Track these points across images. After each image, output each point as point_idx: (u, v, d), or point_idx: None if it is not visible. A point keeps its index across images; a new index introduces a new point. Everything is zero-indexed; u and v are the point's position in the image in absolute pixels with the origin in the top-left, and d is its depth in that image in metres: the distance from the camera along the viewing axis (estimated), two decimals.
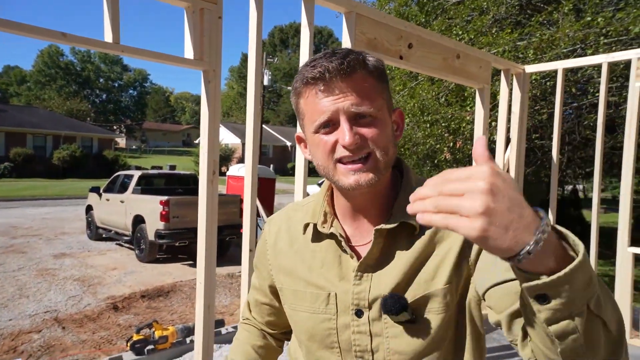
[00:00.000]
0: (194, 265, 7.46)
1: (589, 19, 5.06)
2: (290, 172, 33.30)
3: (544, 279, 0.44)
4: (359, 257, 0.74)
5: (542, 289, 0.45)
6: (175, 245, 7.43)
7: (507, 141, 4.05)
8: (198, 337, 2.25)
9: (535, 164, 6.83)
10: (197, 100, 75.60)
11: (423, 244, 0.72)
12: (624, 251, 3.58)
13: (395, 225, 0.71)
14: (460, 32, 6.04)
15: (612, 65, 4.29)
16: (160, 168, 11.27)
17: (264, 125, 26.74)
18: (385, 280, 0.72)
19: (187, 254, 7.98)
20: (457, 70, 3.39)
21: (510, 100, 4.00)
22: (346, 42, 2.65)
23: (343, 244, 0.74)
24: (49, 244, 8.65)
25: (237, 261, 7.64)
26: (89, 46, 1.70)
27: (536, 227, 0.42)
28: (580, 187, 13.76)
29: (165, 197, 7.15)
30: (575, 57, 5.19)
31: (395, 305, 0.68)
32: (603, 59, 3.59)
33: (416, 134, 6.72)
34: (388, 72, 7.54)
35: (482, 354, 0.73)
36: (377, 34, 2.80)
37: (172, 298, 5.82)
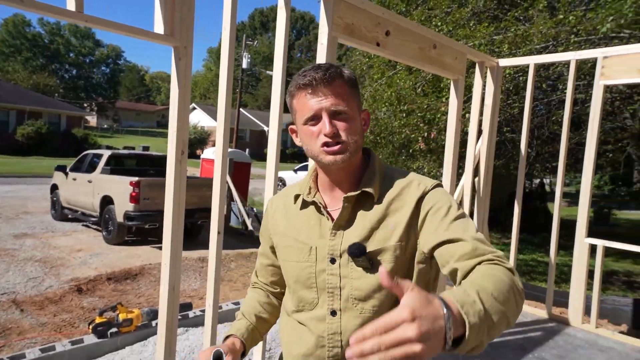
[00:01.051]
0: None
1: (561, 16, 5.17)
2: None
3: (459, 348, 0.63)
4: (333, 219, 0.99)
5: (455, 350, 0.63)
6: (145, 228, 7.29)
7: (479, 133, 4.12)
8: (162, 320, 2.22)
9: (506, 156, 7.00)
10: None
11: (381, 210, 0.96)
12: (581, 242, 3.74)
13: (358, 192, 0.96)
14: (439, 24, 6.07)
15: (581, 63, 4.41)
16: (133, 149, 10.98)
17: (241, 110, 26.24)
18: (352, 235, 0.96)
19: (157, 237, 7.85)
20: (433, 60, 3.40)
21: (483, 93, 4.06)
22: (324, 27, 2.62)
23: (322, 209, 1.00)
24: (9, 224, 8.30)
25: (209, 244, 7.59)
26: (49, 13, 1.61)
27: (445, 332, 0.58)
28: (547, 180, 14.23)
29: (135, 178, 6.97)
30: (547, 53, 5.31)
31: (358, 249, 0.93)
32: (572, 56, 3.68)
33: (392, 123, 6.76)
34: (367, 60, 7.54)
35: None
36: (354, 19, 2.77)
37: (139, 281, 5.72)
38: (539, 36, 5.03)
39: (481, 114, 4.09)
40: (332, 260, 0.97)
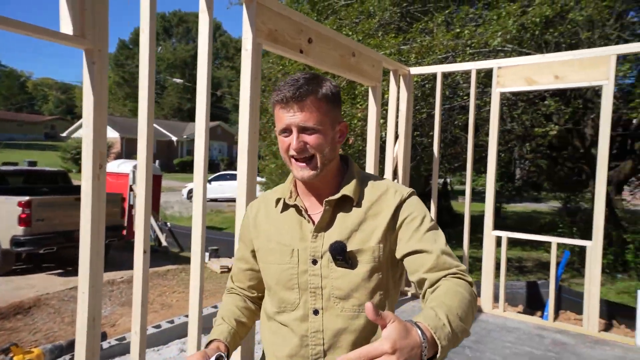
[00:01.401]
0: (64, 274, 6.58)
1: (457, 30, 5.69)
2: (177, 169, 31.43)
3: None
4: (314, 222, 1.03)
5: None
6: (40, 253, 6.46)
7: (396, 137, 4.35)
8: (79, 357, 1.96)
9: (415, 159, 7.47)
10: (62, 89, 66.52)
11: (361, 213, 1.01)
12: (489, 235, 4.12)
13: (338, 196, 1.01)
14: (350, 33, 6.30)
15: (478, 72, 4.88)
16: (16, 164, 9.66)
17: None
18: (332, 237, 1.00)
19: (55, 262, 7.01)
20: (352, 68, 3.52)
21: (398, 99, 4.30)
22: (247, 32, 2.56)
23: (303, 212, 1.04)
24: None
25: (118, 266, 6.93)
26: None
27: (420, 358, 0.70)
28: (448, 180, 15.52)
29: (25, 198, 6.15)
30: (447, 63, 5.80)
31: (339, 247, 0.97)
32: (472, 66, 4.06)
33: None
34: (282, 67, 7.55)
35: (397, 293, 1.07)
36: (278, 25, 2.76)
37: (34, 315, 5.03)
38: (440, 47, 5.48)
39: (396, 119, 4.31)
40: (314, 262, 1.01)
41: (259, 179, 15.61)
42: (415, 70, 4.38)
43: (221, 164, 31.42)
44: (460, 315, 0.81)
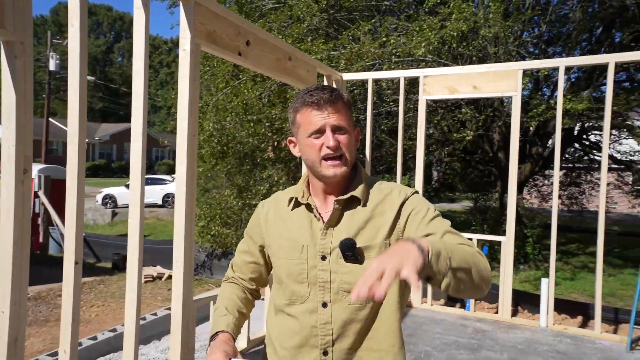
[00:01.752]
0: None
1: (384, 39, 5.98)
2: (88, 173, 28.93)
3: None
4: (323, 221, 1.11)
5: (427, 274, 0.83)
6: None
7: None
8: None
9: None
10: None
11: (367, 212, 1.09)
12: None
13: (348, 196, 1.09)
14: (280, 37, 6.32)
15: (405, 80, 5.16)
16: None
17: (50, 119, 22.21)
18: (341, 234, 1.08)
19: None
20: (289, 72, 3.54)
21: None
22: (185, 32, 2.48)
23: (314, 211, 1.11)
24: None
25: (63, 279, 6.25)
26: None
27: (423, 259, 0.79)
28: None
29: None
30: (375, 70, 6.07)
31: (349, 243, 1.04)
32: (400, 74, 4.31)
33: (239, 132, 6.73)
34: (208, 69, 7.35)
35: (407, 287, 1.12)
36: (216, 26, 2.70)
37: None
38: (369, 55, 5.72)
39: None
40: (323, 258, 1.08)
41: None
42: (347, 76, 4.53)
43: None
44: (456, 248, 0.90)
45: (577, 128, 8.89)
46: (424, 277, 0.82)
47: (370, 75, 4.41)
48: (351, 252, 1.03)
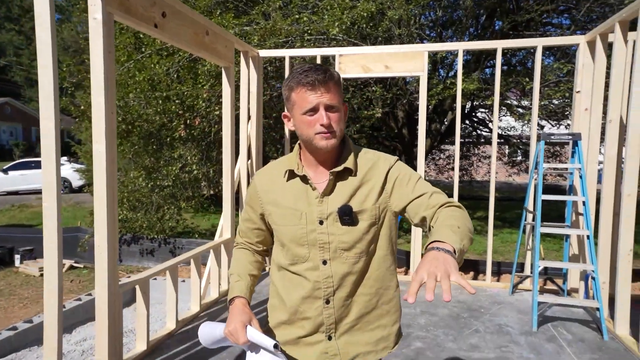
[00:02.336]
0: None
1: (297, 16, 6.01)
2: None
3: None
4: (318, 190, 1.22)
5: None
6: None
7: (249, 118, 4.43)
8: None
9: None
10: None
11: (357, 180, 1.22)
12: None
13: (342, 168, 1.21)
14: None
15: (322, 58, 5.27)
16: None
17: None
18: (335, 201, 1.21)
19: None
20: (207, 47, 3.44)
21: (248, 81, 4.37)
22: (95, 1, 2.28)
23: (310, 181, 1.22)
24: None
25: None
26: None
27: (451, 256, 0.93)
28: None
29: None
30: (287, 47, 6.09)
31: (347, 209, 1.19)
32: (317, 52, 4.41)
33: (146, 110, 6.32)
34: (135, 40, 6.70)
35: (391, 238, 1.29)
36: None
37: None
38: (282, 32, 5.71)
39: (248, 100, 4.39)
40: (321, 222, 1.20)
41: (76, 165, 13.56)
42: (264, 52, 4.51)
43: (16, 149, 25.43)
44: (460, 226, 1.06)
45: (467, 106, 9.88)
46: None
47: (287, 53, 4.44)
48: (348, 216, 1.18)
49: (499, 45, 4.03)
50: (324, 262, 1.22)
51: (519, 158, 13.42)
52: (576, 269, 3.77)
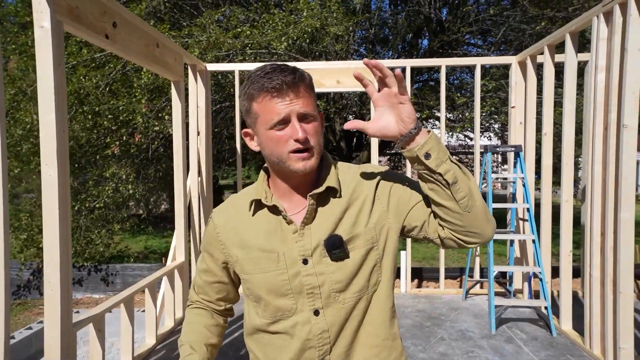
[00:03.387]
0: None
1: (239, 30, 5.90)
2: None
3: (424, 142, 0.87)
4: (295, 222, 0.97)
5: (425, 148, 0.86)
6: None
7: (198, 133, 4.23)
8: None
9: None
10: None
11: (344, 201, 0.97)
12: None
13: (324, 188, 0.96)
14: None
15: None
16: None
17: None
18: (319, 231, 0.95)
19: None
20: (157, 60, 3.24)
21: (197, 95, 4.18)
22: (41, 4, 2.04)
23: (284, 212, 0.96)
24: None
25: None
26: None
27: (415, 123, 0.86)
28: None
29: None
30: (228, 61, 5.94)
31: (336, 240, 0.93)
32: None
33: (72, 126, 5.78)
34: (14, 46, 6.05)
35: (394, 271, 1.03)
36: (79, 2, 2.30)
37: None
38: (225, 45, 5.56)
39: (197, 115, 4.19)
40: (305, 261, 0.95)
41: None
42: (212, 66, 4.35)
43: None
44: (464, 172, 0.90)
45: None
46: (423, 153, 0.86)
47: (236, 67, 4.33)
48: (339, 248, 0.93)
49: (443, 62, 4.28)
50: (316, 313, 0.95)
51: None
52: (526, 271, 4.05)
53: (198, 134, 4.24)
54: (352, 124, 0.92)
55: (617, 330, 2.64)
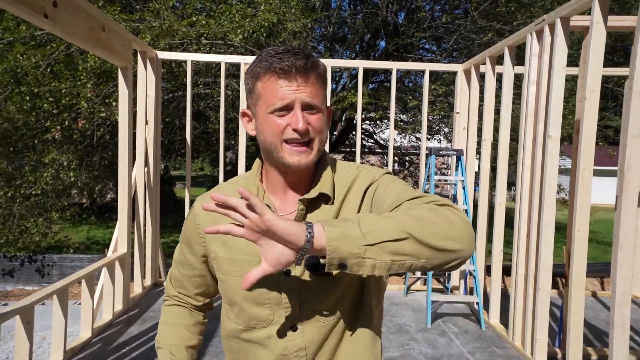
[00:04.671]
0: None
1: (194, 19, 5.77)
2: None
3: (324, 246, 0.67)
4: None
5: (334, 261, 0.67)
6: None
7: (146, 122, 4.11)
8: None
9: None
10: None
11: (335, 210, 0.89)
12: None
13: (316, 195, 0.88)
14: None
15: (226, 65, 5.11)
16: None
17: None
18: None
19: None
20: (103, 44, 3.12)
21: (146, 83, 4.06)
22: None
23: (275, 213, 0.81)
24: None
25: None
26: None
27: (304, 231, 0.67)
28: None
29: None
30: (182, 50, 5.80)
31: (318, 262, 0.82)
32: (222, 58, 4.30)
33: (7, 107, 5.42)
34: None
35: (381, 289, 0.95)
36: None
37: None
38: (180, 33, 5.42)
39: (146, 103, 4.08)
40: (287, 273, 0.87)
41: None
42: (163, 54, 4.24)
43: None
44: (410, 216, 0.69)
45: (355, 118, 10.53)
46: (335, 268, 0.67)
47: (189, 57, 4.25)
48: (320, 269, 0.82)
49: (394, 66, 4.42)
50: (293, 328, 0.88)
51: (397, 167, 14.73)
52: (462, 269, 4.29)
53: (146, 123, 4.14)
54: (248, 282, 0.73)
55: (535, 324, 2.88)
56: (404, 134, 9.10)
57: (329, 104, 0.88)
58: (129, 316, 3.59)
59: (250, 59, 4.28)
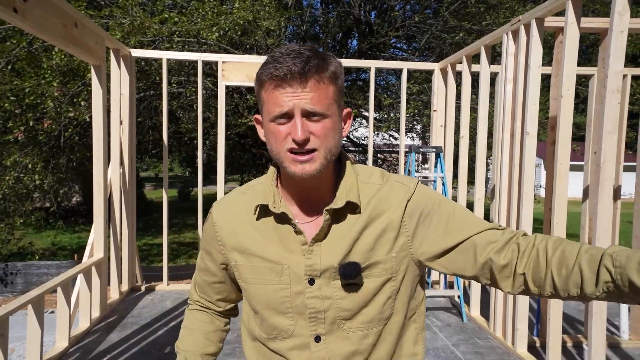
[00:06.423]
0: None
1: (166, 16, 5.62)
2: None
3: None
4: (305, 233, 0.86)
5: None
6: None
7: (120, 122, 3.98)
8: None
9: None
10: None
11: (363, 220, 0.85)
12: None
13: (343, 204, 0.84)
14: None
15: (203, 64, 5.03)
16: None
17: None
18: (332, 251, 0.84)
19: None
20: (76, 41, 2.99)
21: (120, 82, 3.93)
22: None
23: (293, 221, 0.85)
24: None
25: None
26: None
27: None
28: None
29: None
30: (154, 48, 5.64)
31: (353, 269, 0.82)
32: (198, 57, 4.21)
33: None
34: None
35: (418, 304, 0.92)
36: None
37: None
38: (151, 30, 5.26)
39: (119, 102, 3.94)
40: (311, 281, 0.84)
41: None
42: (137, 52, 4.10)
43: None
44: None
45: None
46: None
47: (164, 55, 4.13)
48: (354, 277, 0.82)
49: (372, 64, 4.46)
50: (317, 339, 0.85)
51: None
52: None
53: (121, 123, 4.00)
54: None
55: (516, 314, 2.98)
56: (377, 132, 9.18)
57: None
58: (107, 323, 3.46)
59: (228, 57, 4.21)
